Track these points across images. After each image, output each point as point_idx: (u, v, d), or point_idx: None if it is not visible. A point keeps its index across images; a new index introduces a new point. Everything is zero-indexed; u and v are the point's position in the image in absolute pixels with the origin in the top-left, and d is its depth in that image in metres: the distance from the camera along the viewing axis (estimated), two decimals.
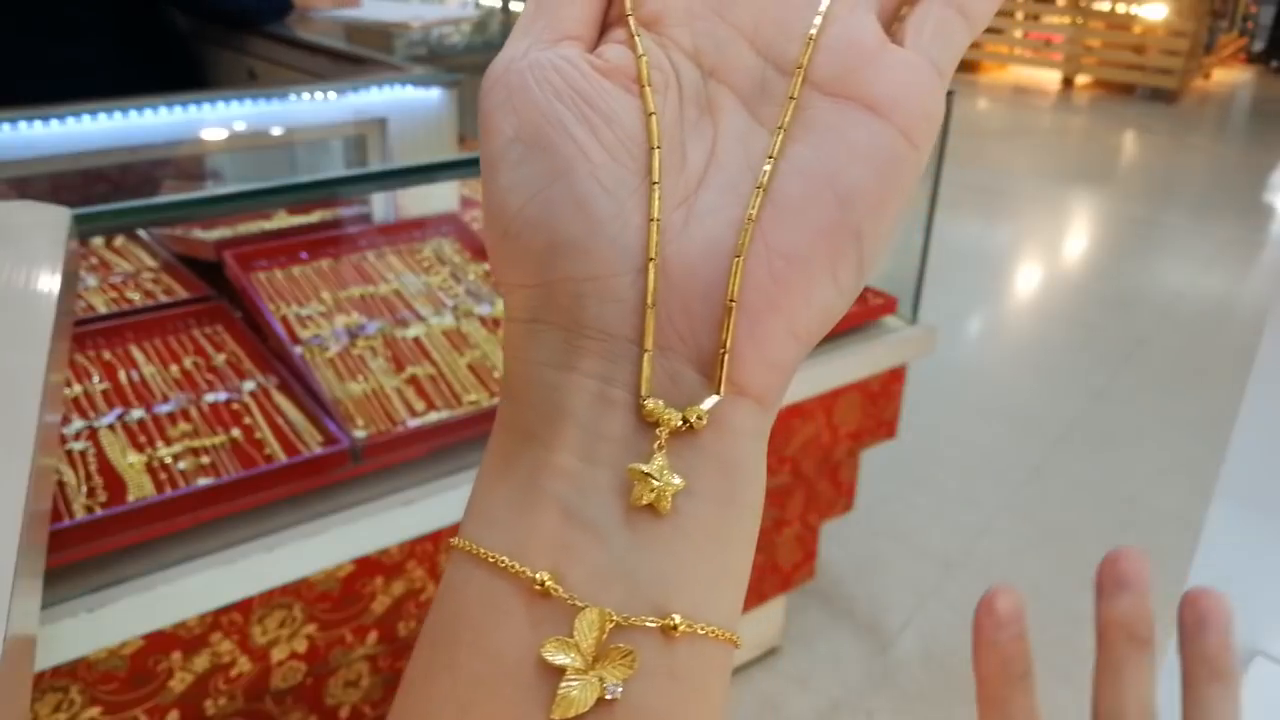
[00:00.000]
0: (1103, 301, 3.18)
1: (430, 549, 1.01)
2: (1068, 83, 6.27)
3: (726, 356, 0.21)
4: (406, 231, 1.37)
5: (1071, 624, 1.75)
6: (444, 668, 0.21)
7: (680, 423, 0.21)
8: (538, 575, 0.20)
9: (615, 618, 0.20)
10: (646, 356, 0.21)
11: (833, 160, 0.21)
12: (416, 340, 1.16)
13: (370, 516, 0.95)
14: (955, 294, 3.02)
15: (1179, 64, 5.84)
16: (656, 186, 0.22)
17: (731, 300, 0.21)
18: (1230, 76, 6.59)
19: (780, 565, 1.54)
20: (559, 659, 0.20)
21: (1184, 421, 2.41)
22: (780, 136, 0.22)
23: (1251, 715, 0.60)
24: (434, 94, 1.57)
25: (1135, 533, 2.00)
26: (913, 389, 1.53)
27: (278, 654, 0.95)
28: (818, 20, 0.22)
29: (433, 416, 1.05)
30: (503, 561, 0.21)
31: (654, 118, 0.22)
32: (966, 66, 6.17)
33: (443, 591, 0.22)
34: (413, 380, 1.10)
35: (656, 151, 0.22)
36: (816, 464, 1.46)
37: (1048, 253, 3.62)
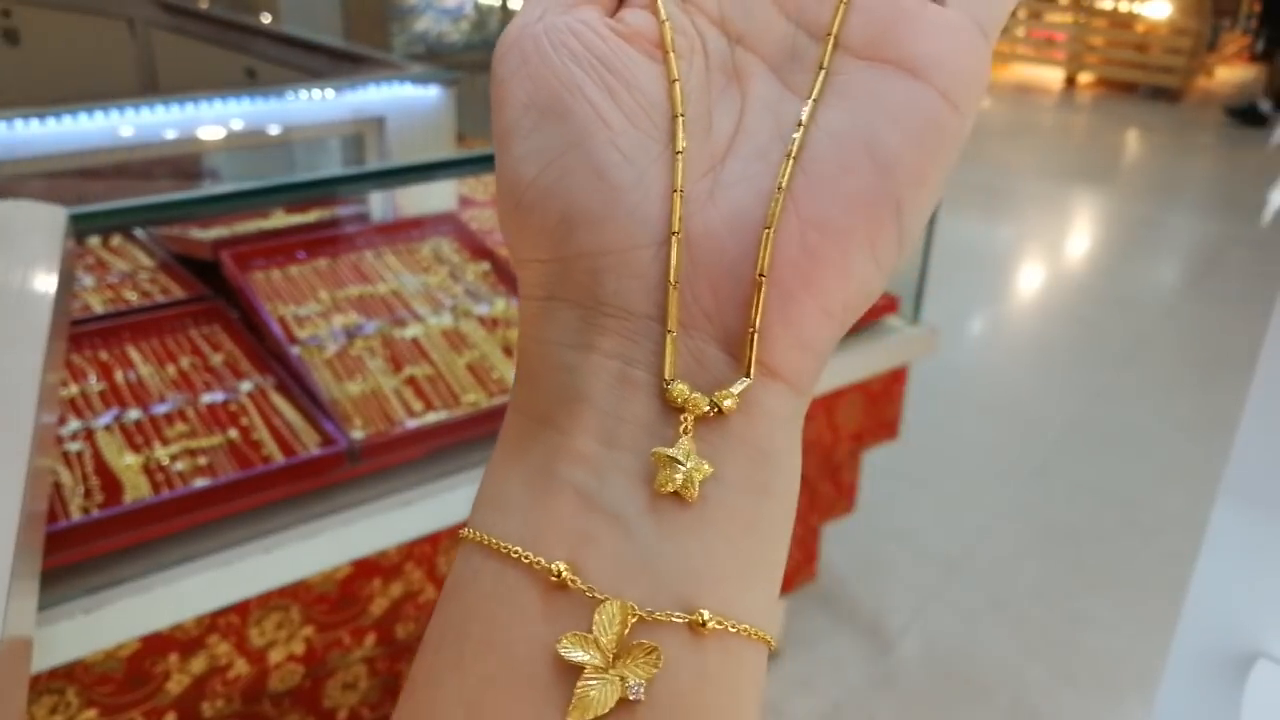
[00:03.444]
0: (1105, 301, 3.18)
1: (429, 550, 1.01)
2: (1070, 81, 6.27)
3: (756, 336, 0.19)
4: (405, 231, 1.37)
5: (1073, 625, 1.75)
6: (451, 668, 0.19)
7: (708, 407, 0.19)
8: (554, 565, 0.19)
9: (638, 612, 0.18)
10: (670, 337, 0.20)
11: (869, 126, 0.20)
12: (415, 340, 1.16)
13: (368, 518, 0.94)
14: (957, 294, 3.01)
15: (1182, 63, 5.83)
16: (680, 155, 0.20)
17: (761, 275, 0.19)
18: (1234, 75, 6.58)
19: None
20: (577, 656, 0.18)
21: (1186, 422, 2.41)
22: (812, 103, 0.20)
23: (1253, 716, 0.60)
24: (432, 92, 1.57)
25: (1138, 533, 2.00)
26: (914, 389, 1.52)
27: (275, 656, 0.95)
28: None
29: (431, 417, 1.05)
30: (515, 551, 0.19)
31: (677, 84, 0.21)
32: None
33: (450, 586, 0.21)
34: (411, 381, 1.10)
35: (680, 119, 0.21)
36: (818, 465, 1.45)
37: (1050, 252, 3.62)
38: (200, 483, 0.92)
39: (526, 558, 0.19)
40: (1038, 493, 2.13)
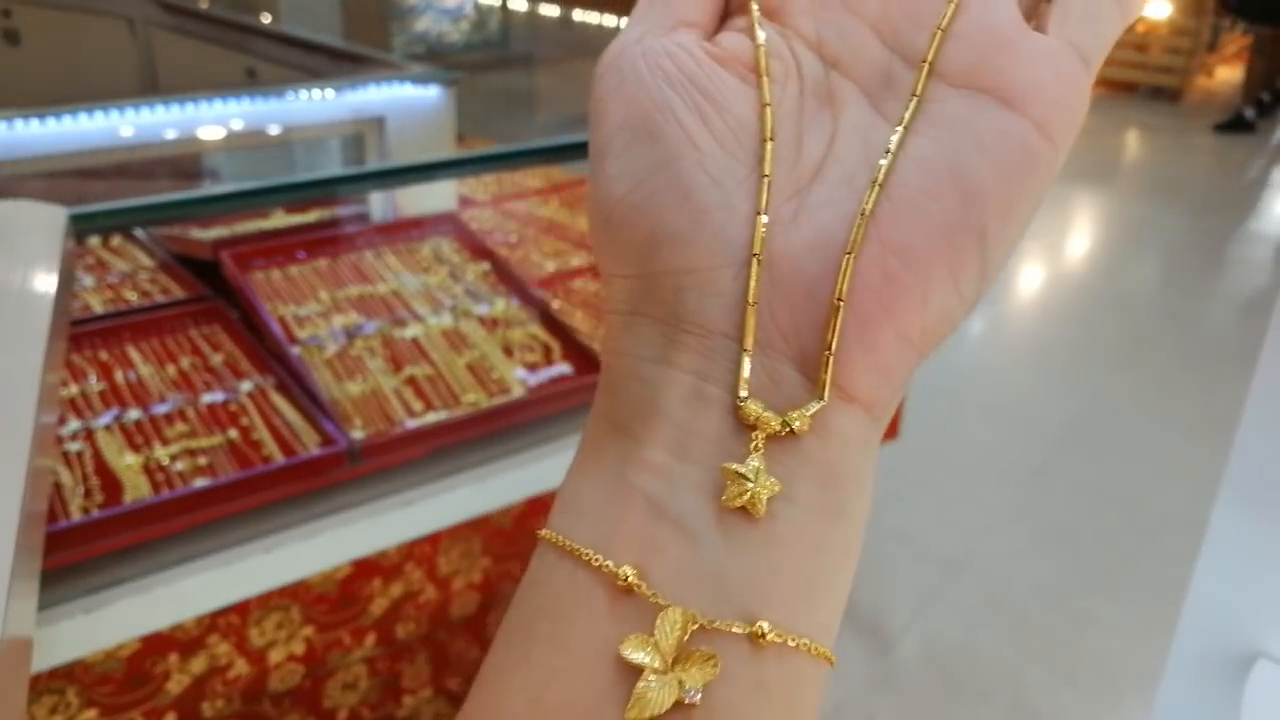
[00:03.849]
0: (1105, 301, 3.18)
1: (429, 550, 1.01)
2: None
3: (832, 359, 0.20)
4: (405, 231, 1.37)
5: (1073, 625, 1.75)
6: (519, 661, 0.20)
7: (779, 426, 0.20)
8: (622, 570, 0.19)
9: (699, 619, 0.19)
10: (745, 356, 0.20)
11: (956, 154, 0.20)
12: (415, 340, 1.16)
13: (368, 518, 0.94)
14: None
15: (1182, 62, 5.83)
16: (767, 179, 0.21)
17: (839, 299, 0.19)
18: (1234, 75, 6.57)
19: None
20: (638, 657, 0.19)
21: (1187, 422, 2.41)
22: (901, 131, 0.20)
23: (1253, 716, 0.60)
24: (432, 92, 1.57)
25: (1138, 534, 2.00)
26: (915, 389, 1.52)
27: (275, 656, 0.95)
28: (950, 8, 0.21)
29: (431, 417, 1.05)
30: (587, 554, 0.20)
31: (769, 109, 0.21)
32: None
33: (525, 584, 0.21)
34: (411, 380, 1.10)
35: (770, 143, 0.21)
36: None
37: (1049, 252, 3.62)
38: (200, 483, 0.92)
39: (596, 561, 0.20)
40: (1038, 493, 2.13)
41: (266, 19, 2.89)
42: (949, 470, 2.18)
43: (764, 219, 0.20)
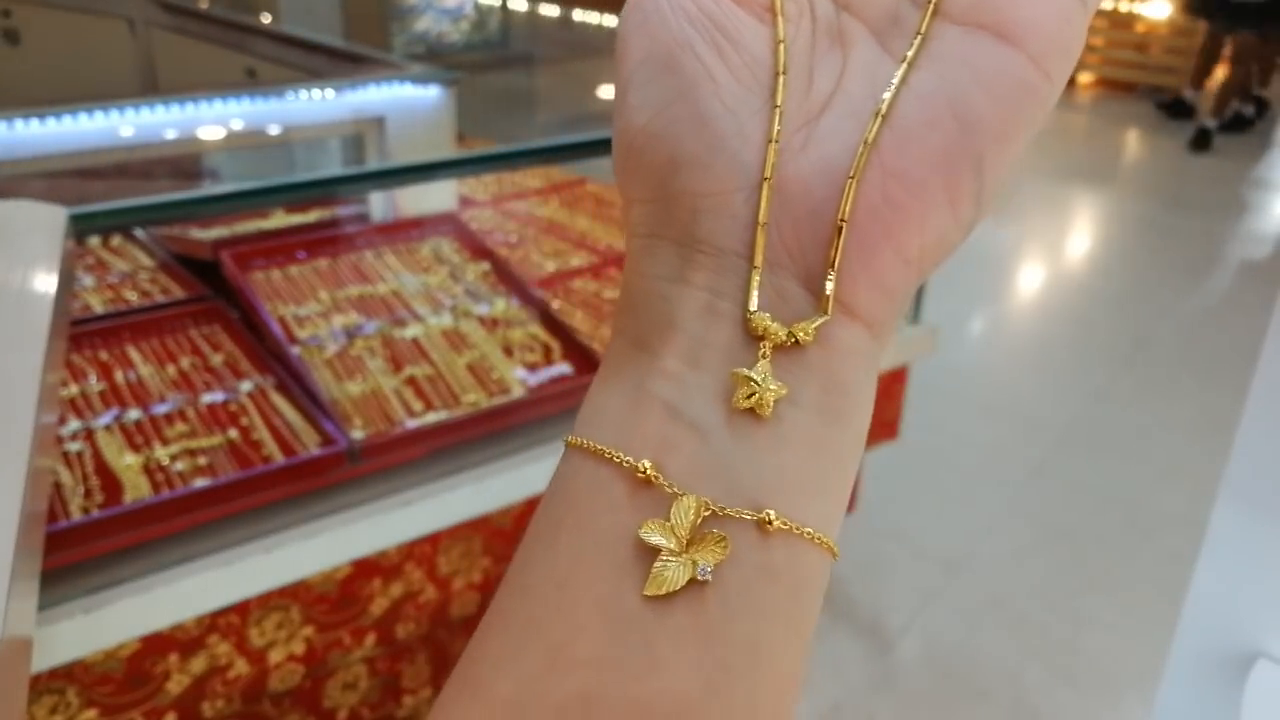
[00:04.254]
0: (1105, 301, 3.18)
1: (428, 550, 1.01)
2: (1070, 81, 6.26)
3: (835, 276, 0.21)
4: (405, 231, 1.37)
5: (1074, 625, 1.75)
6: (546, 548, 0.22)
7: (785, 336, 0.21)
8: (641, 464, 0.21)
9: (712, 506, 0.20)
10: (755, 273, 0.22)
11: (955, 86, 0.21)
12: (415, 340, 1.16)
13: (368, 518, 0.94)
14: (957, 294, 3.01)
15: (1182, 63, 5.83)
16: (778, 109, 0.22)
17: (842, 220, 0.21)
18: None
19: None
20: (655, 540, 0.20)
21: (1186, 422, 2.41)
22: (905, 66, 0.22)
23: (1253, 716, 0.60)
24: (432, 92, 1.57)
25: (1137, 534, 2.00)
26: (914, 389, 1.52)
27: (275, 656, 0.95)
28: None
29: (431, 417, 1.05)
30: (608, 452, 0.21)
31: (782, 45, 0.23)
32: None
33: (551, 485, 0.23)
34: (411, 380, 1.10)
35: (782, 77, 0.22)
36: None
37: (1050, 252, 3.62)
38: (200, 483, 0.92)
39: (617, 457, 0.21)
40: (1038, 493, 2.13)
41: (266, 19, 2.89)
42: (949, 470, 2.18)
43: (775, 145, 0.22)
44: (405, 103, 1.53)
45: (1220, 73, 5.07)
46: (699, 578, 0.20)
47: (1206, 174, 4.55)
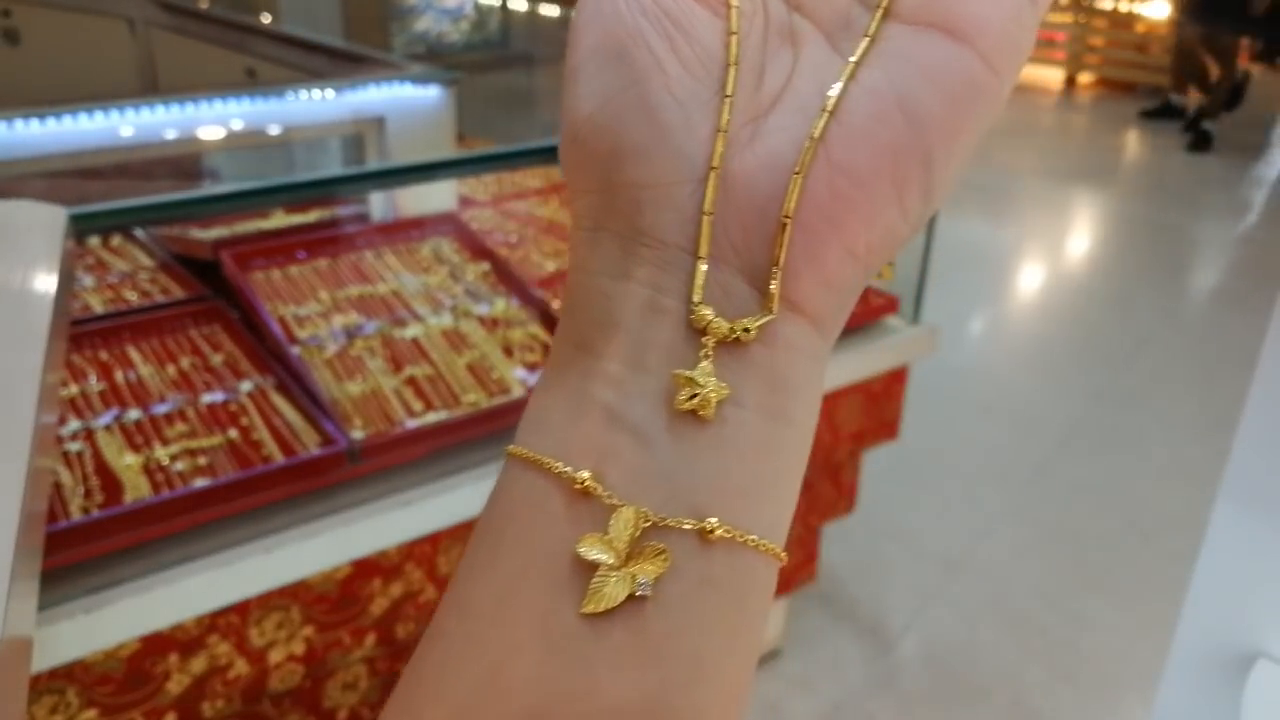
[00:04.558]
0: (1105, 301, 3.18)
1: (429, 550, 1.01)
2: (1070, 81, 6.27)
3: (781, 272, 0.21)
4: (405, 231, 1.37)
5: (1073, 625, 1.75)
6: (486, 563, 0.21)
7: (728, 331, 0.21)
8: (579, 475, 0.20)
9: (651, 517, 0.20)
10: (700, 264, 0.21)
11: (904, 82, 0.21)
12: (415, 340, 1.16)
13: (368, 518, 0.94)
14: (957, 294, 3.01)
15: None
16: (729, 99, 0.22)
17: (787, 216, 0.21)
18: None
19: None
20: (593, 554, 0.20)
21: (1186, 422, 2.41)
22: (852, 63, 0.22)
23: (1253, 716, 0.60)
24: (432, 92, 1.57)
25: (1138, 534, 2.00)
26: (914, 389, 1.52)
27: (275, 656, 0.95)
28: None
29: (431, 417, 1.05)
30: (547, 462, 0.21)
31: (735, 37, 0.23)
32: None
33: (492, 495, 0.23)
34: (411, 381, 1.10)
35: (733, 68, 0.22)
36: (818, 465, 1.45)
37: (1050, 252, 3.62)
38: (200, 483, 0.92)
39: (556, 468, 0.21)
40: (1038, 493, 2.13)
41: (266, 19, 2.89)
42: (949, 470, 2.18)
43: (724, 135, 0.22)
44: (405, 103, 1.53)
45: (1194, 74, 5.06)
46: (638, 593, 0.20)
47: (1206, 174, 4.55)
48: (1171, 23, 5.52)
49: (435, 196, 1.52)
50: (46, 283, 0.76)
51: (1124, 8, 6.16)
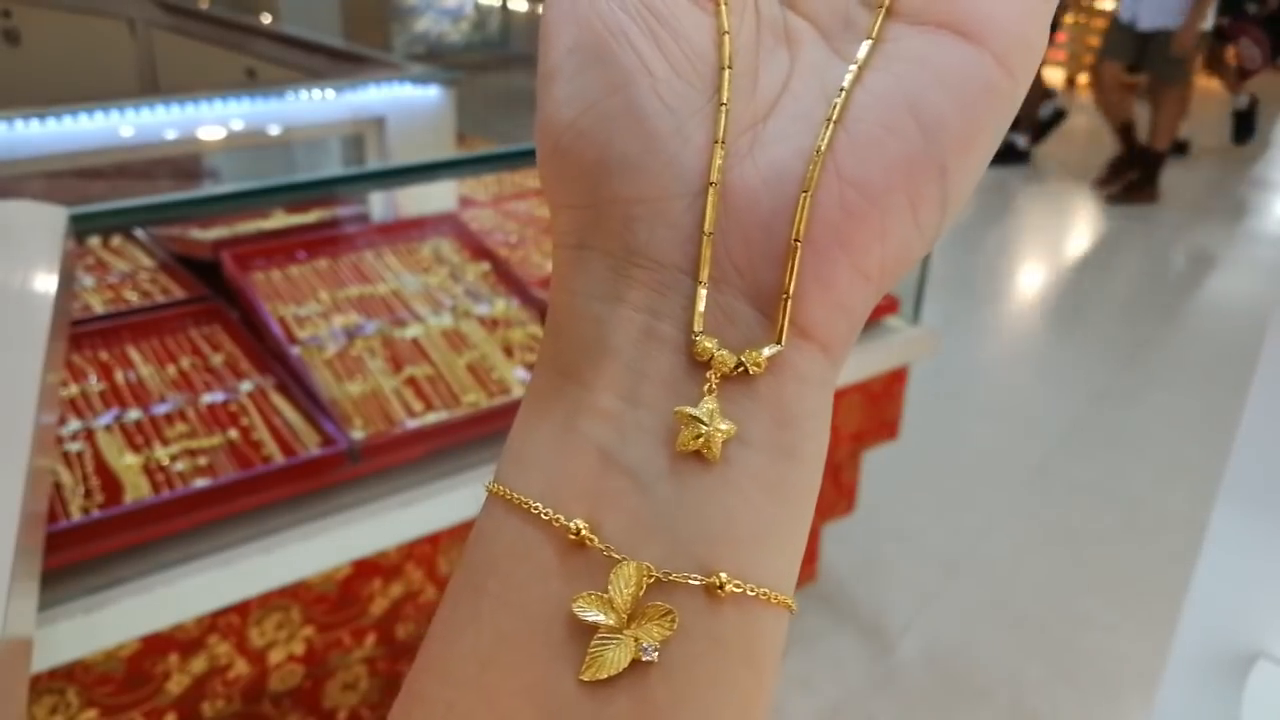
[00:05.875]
0: (1105, 302, 3.18)
1: (429, 551, 1.01)
2: (1070, 81, 6.27)
3: (789, 299, 0.19)
4: (405, 231, 1.37)
5: (1074, 625, 1.75)
6: (468, 622, 0.19)
7: (734, 365, 0.19)
8: (573, 524, 0.19)
9: (655, 573, 0.18)
10: (700, 289, 0.19)
11: (915, 87, 0.19)
12: (415, 341, 1.16)
13: (368, 518, 0.94)
14: (957, 294, 3.01)
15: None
16: (725, 108, 0.20)
17: (797, 240, 0.19)
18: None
19: None
20: (592, 616, 0.18)
21: (1186, 422, 2.41)
22: (857, 69, 0.20)
23: (1253, 716, 0.60)
24: (433, 92, 1.57)
25: (1137, 534, 2.00)
26: (915, 390, 1.52)
27: (275, 656, 0.95)
28: None
29: (431, 417, 1.05)
30: (535, 508, 0.19)
31: (727, 37, 0.20)
32: None
33: (472, 540, 0.20)
34: (411, 381, 1.10)
35: (727, 71, 0.20)
36: None
37: (1049, 253, 3.62)
38: (200, 483, 0.92)
39: (546, 514, 0.19)
40: (1038, 493, 2.13)
41: (266, 19, 2.89)
42: (949, 470, 2.18)
43: (723, 147, 0.20)
44: (405, 103, 1.53)
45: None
46: (642, 658, 0.18)
47: (1206, 174, 4.55)
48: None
49: (435, 197, 1.52)
50: (46, 283, 0.76)
51: None
